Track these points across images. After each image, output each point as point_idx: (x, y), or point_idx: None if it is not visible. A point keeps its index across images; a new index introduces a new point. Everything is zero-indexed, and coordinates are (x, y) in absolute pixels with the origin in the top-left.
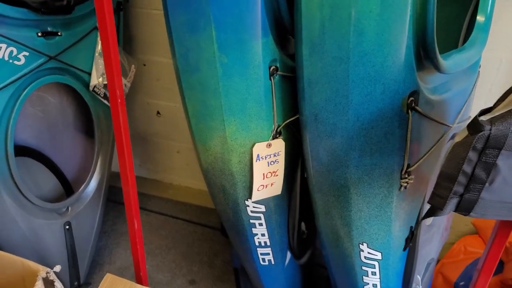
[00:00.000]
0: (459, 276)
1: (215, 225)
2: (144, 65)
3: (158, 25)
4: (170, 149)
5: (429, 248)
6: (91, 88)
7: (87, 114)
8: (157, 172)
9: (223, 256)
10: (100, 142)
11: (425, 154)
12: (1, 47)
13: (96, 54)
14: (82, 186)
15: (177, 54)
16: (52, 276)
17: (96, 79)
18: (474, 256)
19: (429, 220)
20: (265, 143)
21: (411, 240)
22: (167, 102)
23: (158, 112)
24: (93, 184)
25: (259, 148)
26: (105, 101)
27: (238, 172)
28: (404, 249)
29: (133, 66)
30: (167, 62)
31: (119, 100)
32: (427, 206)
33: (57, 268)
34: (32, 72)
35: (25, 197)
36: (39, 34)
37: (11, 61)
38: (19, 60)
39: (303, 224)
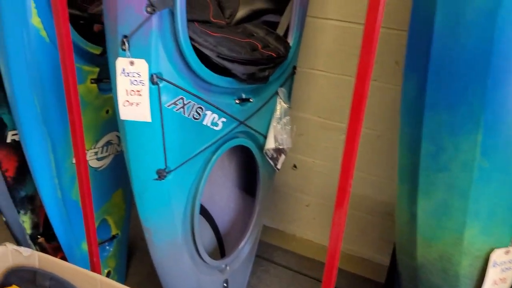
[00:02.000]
0: None
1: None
2: None
3: (307, 83)
4: (300, 202)
5: None
6: (264, 151)
7: (248, 173)
8: (280, 222)
9: None
10: (260, 201)
11: None
12: (206, 113)
13: (274, 119)
14: (241, 244)
15: (423, 151)
16: None
17: (273, 143)
18: None
19: None
20: (505, 249)
21: None
22: (305, 156)
23: (294, 165)
24: (249, 241)
25: (498, 254)
26: (271, 162)
27: (465, 275)
28: None
29: (294, 126)
30: (311, 118)
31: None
32: None
33: None
34: (224, 137)
35: (199, 254)
36: (237, 101)
37: (211, 126)
38: (217, 125)
39: None
